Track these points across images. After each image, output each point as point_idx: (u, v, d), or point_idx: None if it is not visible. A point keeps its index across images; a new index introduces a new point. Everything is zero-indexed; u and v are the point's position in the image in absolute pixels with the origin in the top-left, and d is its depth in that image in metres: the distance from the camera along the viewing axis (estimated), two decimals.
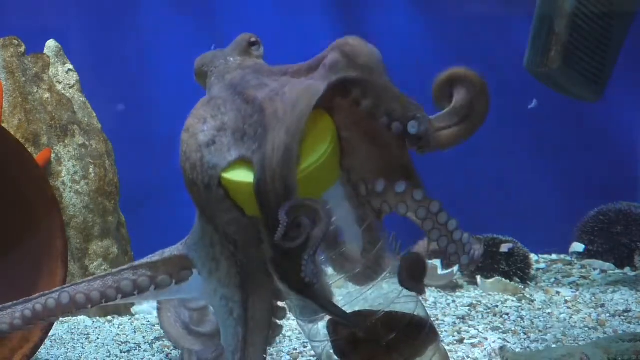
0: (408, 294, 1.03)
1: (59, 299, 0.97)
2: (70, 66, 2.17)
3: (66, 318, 1.98)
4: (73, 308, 0.98)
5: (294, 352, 1.59)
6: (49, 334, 1.40)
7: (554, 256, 2.47)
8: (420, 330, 1.03)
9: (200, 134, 0.92)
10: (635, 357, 1.25)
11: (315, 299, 0.90)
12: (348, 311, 1.00)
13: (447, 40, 2.47)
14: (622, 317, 1.73)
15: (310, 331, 1.08)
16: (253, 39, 1.02)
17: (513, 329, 1.67)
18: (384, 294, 1.04)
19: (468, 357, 1.47)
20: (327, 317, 1.03)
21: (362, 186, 0.95)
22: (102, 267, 2.06)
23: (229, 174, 0.91)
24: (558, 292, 2.01)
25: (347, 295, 1.04)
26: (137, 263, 0.99)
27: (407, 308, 1.03)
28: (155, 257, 0.99)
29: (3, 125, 1.88)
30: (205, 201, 0.91)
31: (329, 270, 1.04)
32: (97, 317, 2.00)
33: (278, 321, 1.01)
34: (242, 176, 0.90)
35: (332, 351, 1.05)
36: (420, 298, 1.07)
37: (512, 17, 2.33)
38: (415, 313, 1.03)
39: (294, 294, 0.90)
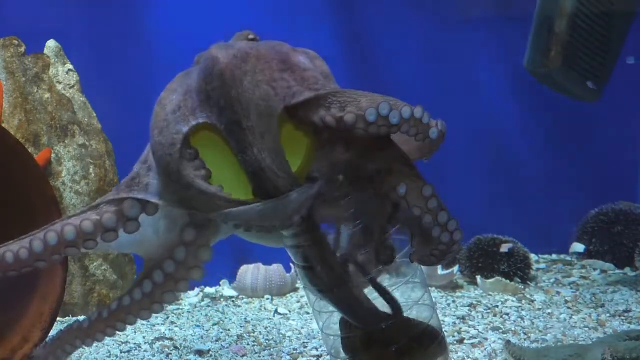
0: (425, 302, 1.05)
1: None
2: (70, 66, 2.17)
3: (65, 318, 1.98)
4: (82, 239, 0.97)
5: (294, 352, 1.59)
6: (49, 334, 1.40)
7: (554, 256, 2.47)
8: (432, 340, 1.04)
9: (168, 105, 0.94)
10: None
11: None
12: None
13: (447, 40, 2.47)
14: (622, 317, 1.73)
15: (325, 322, 1.08)
16: (251, 36, 1.03)
17: (513, 329, 1.67)
18: (400, 298, 1.04)
19: (468, 357, 1.47)
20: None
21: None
22: (102, 267, 2.07)
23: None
24: (558, 292, 2.01)
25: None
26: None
27: (423, 316, 1.04)
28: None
29: (3, 125, 1.88)
30: (170, 160, 0.92)
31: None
32: None
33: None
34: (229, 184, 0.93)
35: (340, 347, 1.05)
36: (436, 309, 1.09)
37: (512, 17, 2.33)
38: (430, 322, 1.05)
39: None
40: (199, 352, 1.64)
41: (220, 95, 0.91)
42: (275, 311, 2.01)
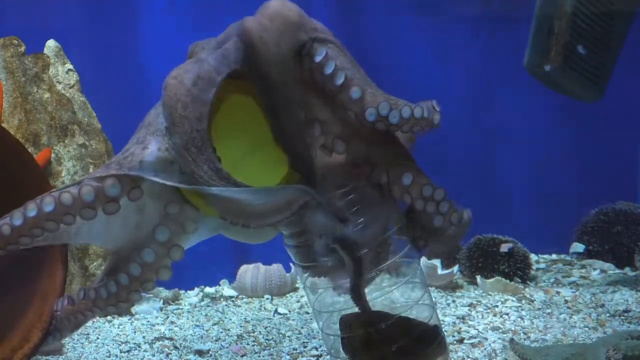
0: (425, 302, 1.05)
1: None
2: (70, 66, 2.17)
3: None
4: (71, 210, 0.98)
5: (294, 352, 1.59)
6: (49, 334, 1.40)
7: (554, 256, 2.47)
8: (432, 340, 1.04)
9: (186, 80, 0.95)
10: None
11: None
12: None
13: (446, 40, 2.47)
14: (622, 317, 1.73)
15: (325, 322, 1.09)
16: None
17: (513, 329, 1.67)
18: (401, 298, 1.05)
19: (468, 357, 1.47)
20: (342, 311, 1.05)
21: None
22: (102, 267, 2.06)
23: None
24: (558, 292, 2.01)
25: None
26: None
27: (423, 316, 1.05)
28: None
29: (3, 125, 1.88)
30: (197, 135, 0.93)
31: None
32: (97, 317, 2.00)
33: None
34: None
35: (340, 347, 1.06)
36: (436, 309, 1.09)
37: (512, 17, 2.33)
38: (430, 322, 1.05)
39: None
40: (199, 352, 1.64)
41: (262, 75, 0.95)
42: (275, 311, 2.01)
